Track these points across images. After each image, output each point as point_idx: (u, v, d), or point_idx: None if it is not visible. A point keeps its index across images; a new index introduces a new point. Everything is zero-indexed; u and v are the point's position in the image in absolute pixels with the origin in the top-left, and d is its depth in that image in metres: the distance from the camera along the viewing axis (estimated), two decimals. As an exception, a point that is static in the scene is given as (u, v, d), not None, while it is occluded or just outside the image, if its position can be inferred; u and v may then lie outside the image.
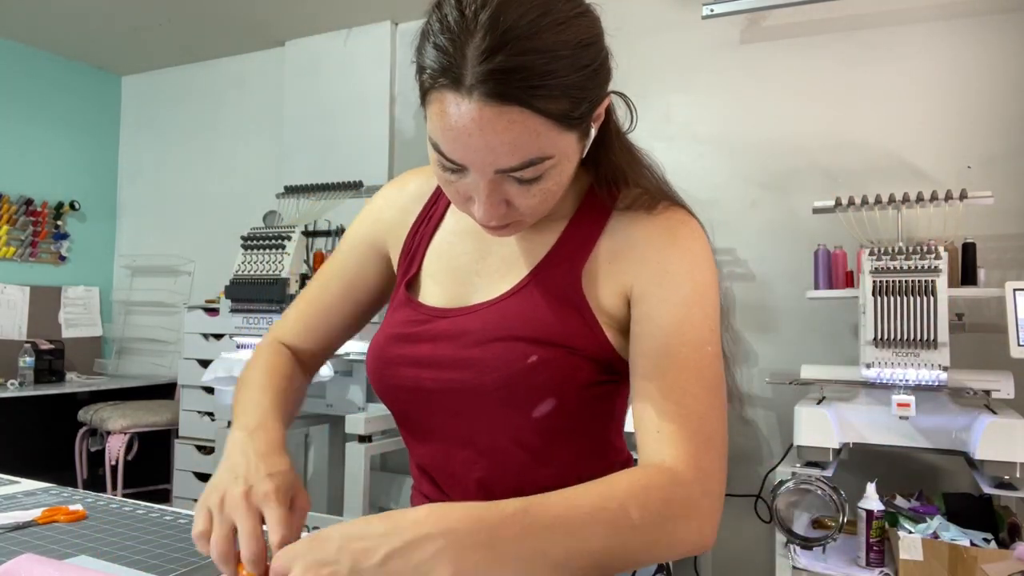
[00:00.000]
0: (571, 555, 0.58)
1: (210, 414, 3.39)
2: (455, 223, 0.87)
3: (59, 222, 4.11)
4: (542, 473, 0.79)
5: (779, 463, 2.22)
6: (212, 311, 3.44)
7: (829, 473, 1.99)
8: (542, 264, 0.79)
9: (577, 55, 0.63)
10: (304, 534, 0.66)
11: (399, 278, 0.90)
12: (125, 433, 3.41)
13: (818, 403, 2.11)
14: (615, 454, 0.85)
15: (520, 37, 0.60)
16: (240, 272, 2.98)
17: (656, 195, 0.80)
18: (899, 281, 2.03)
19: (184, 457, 3.42)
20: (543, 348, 0.74)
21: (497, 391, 0.76)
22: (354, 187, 3.08)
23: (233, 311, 2.99)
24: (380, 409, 2.96)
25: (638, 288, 0.75)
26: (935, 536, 1.84)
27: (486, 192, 0.66)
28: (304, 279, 3.02)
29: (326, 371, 2.84)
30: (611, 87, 0.77)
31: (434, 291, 0.85)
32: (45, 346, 3.74)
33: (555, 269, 0.78)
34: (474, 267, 0.84)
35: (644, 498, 0.62)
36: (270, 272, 2.92)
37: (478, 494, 0.80)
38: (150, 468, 3.69)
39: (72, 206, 4.15)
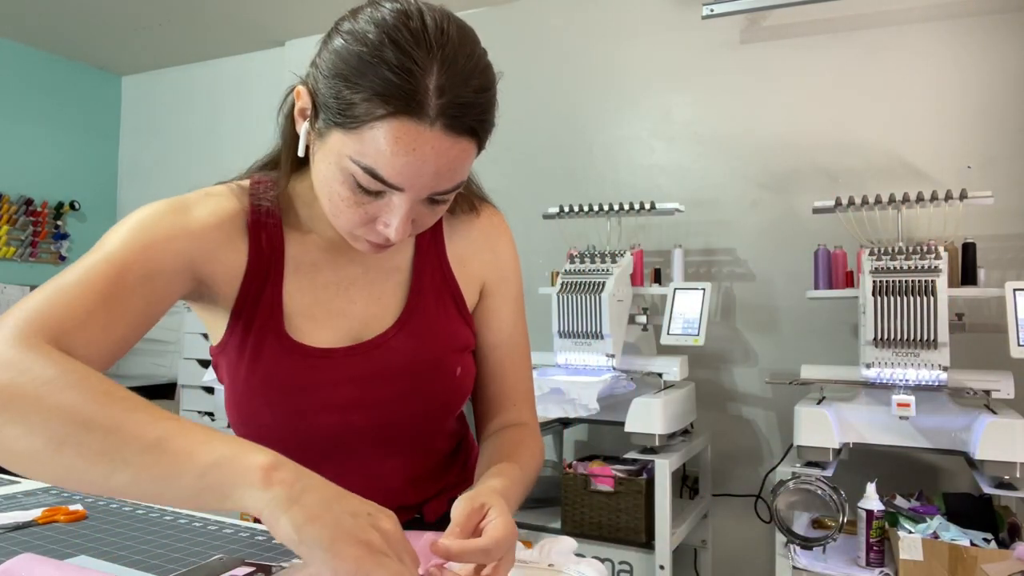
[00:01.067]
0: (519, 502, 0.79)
1: (210, 414, 3.39)
2: (300, 254, 0.82)
3: (59, 222, 4.11)
4: (445, 453, 0.96)
5: (779, 463, 2.22)
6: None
7: (829, 473, 1.99)
8: (417, 276, 0.86)
9: (495, 100, 0.71)
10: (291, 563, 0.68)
11: (243, 323, 0.79)
12: (125, 433, 3.41)
13: (818, 403, 2.11)
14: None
15: (471, 75, 0.66)
16: (240, 272, 2.98)
17: (470, 195, 0.91)
18: (899, 281, 2.03)
19: (184, 457, 3.42)
20: (460, 355, 0.87)
21: (439, 408, 0.87)
22: (354, 187, 3.07)
23: (233, 311, 2.99)
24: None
25: (488, 283, 0.92)
26: (935, 536, 1.84)
27: (405, 213, 0.69)
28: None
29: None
30: (611, 86, 0.81)
31: (317, 331, 0.81)
32: (45, 346, 3.74)
33: (431, 277, 0.87)
34: (344, 295, 0.83)
35: (537, 461, 0.89)
36: (270, 272, 2.92)
37: (406, 489, 0.90)
38: (150, 468, 3.68)
39: (72, 206, 4.15)
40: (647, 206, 2.53)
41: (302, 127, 0.73)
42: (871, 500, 1.88)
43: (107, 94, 4.42)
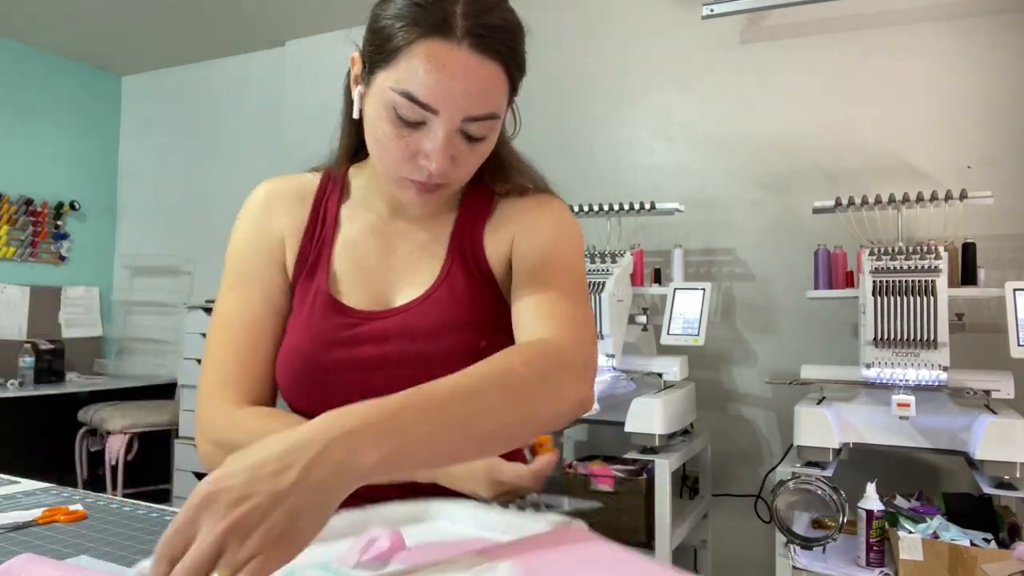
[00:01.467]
0: (474, 419, 0.61)
1: (210, 414, 3.39)
2: (352, 225, 0.91)
3: (59, 222, 4.11)
4: None
5: (779, 463, 2.22)
6: (212, 311, 3.43)
7: (829, 473, 1.99)
8: (452, 253, 0.88)
9: (523, 38, 0.76)
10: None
11: (301, 283, 0.89)
12: (125, 433, 3.41)
13: (818, 403, 2.11)
14: None
15: (495, 8, 0.73)
16: (240, 272, 2.98)
17: (531, 185, 0.92)
18: (899, 281, 2.03)
19: (184, 457, 3.42)
20: (487, 333, 0.85)
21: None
22: (354, 187, 3.08)
23: (233, 311, 2.99)
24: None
25: (516, 241, 0.88)
26: (935, 536, 1.84)
27: (444, 142, 0.73)
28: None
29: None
30: (611, 86, 0.82)
31: (354, 293, 0.87)
32: (45, 346, 3.74)
33: (464, 255, 0.88)
34: (384, 264, 0.89)
35: (527, 355, 0.69)
36: (270, 272, 2.92)
37: None
38: (150, 468, 3.69)
39: (72, 206, 4.15)
40: (647, 206, 2.53)
41: (356, 92, 0.81)
42: (871, 500, 1.88)
43: (107, 94, 4.42)
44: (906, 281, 2.02)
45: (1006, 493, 1.86)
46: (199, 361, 3.34)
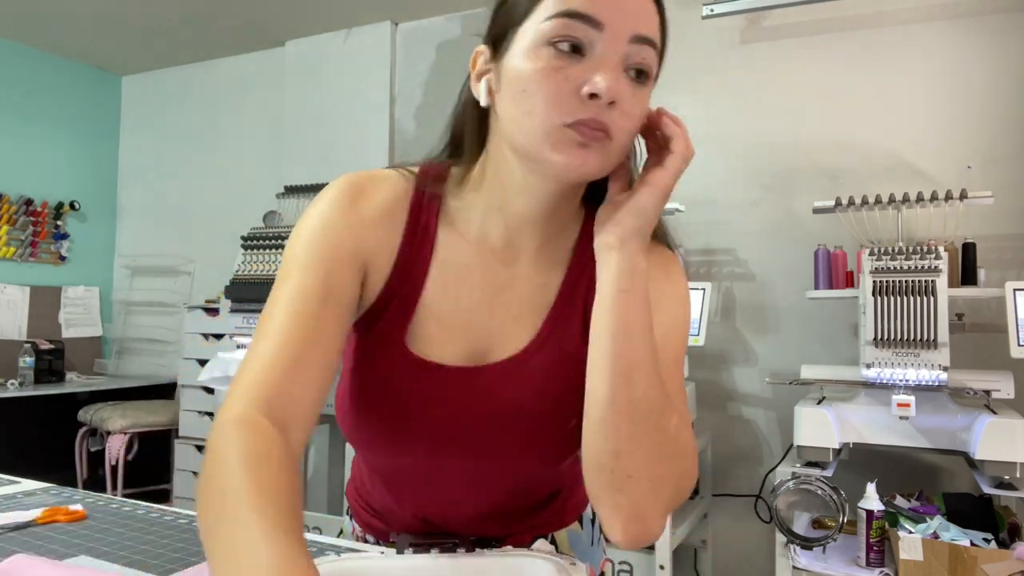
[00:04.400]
0: None
1: (210, 414, 3.39)
2: (451, 254, 0.76)
3: (59, 222, 4.11)
4: (540, 499, 0.86)
5: (779, 463, 2.22)
6: (212, 311, 3.44)
7: (829, 473, 1.99)
8: (559, 307, 0.77)
9: (665, 17, 0.70)
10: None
11: (383, 318, 0.76)
12: (125, 433, 3.41)
13: (818, 403, 2.11)
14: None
15: None
16: (240, 272, 2.98)
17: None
18: (899, 281, 2.03)
19: (184, 457, 3.42)
20: (578, 412, 0.72)
21: (538, 458, 0.78)
22: (354, 187, 3.08)
23: (233, 311, 2.99)
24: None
25: None
26: (935, 536, 1.84)
27: (615, 62, 0.64)
28: (304, 279, 3.01)
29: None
30: None
31: (444, 343, 0.76)
32: (45, 346, 3.74)
33: (573, 312, 0.77)
34: (483, 309, 0.76)
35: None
36: (270, 272, 2.92)
37: (489, 522, 0.83)
38: (150, 468, 3.69)
39: (72, 206, 4.15)
40: (647, 206, 2.53)
41: (482, 83, 0.71)
42: (871, 500, 1.88)
43: (107, 94, 4.42)
44: (906, 281, 2.02)
45: (1006, 493, 1.86)
46: (199, 361, 3.34)
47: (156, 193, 4.31)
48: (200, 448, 3.38)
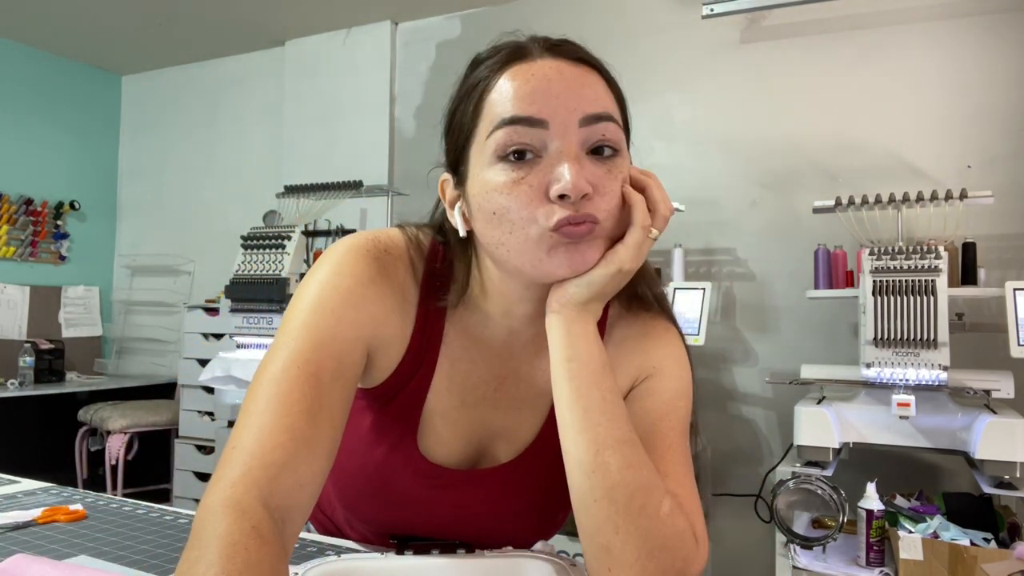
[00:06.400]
0: None
1: (210, 414, 3.39)
2: (458, 349, 0.74)
3: (59, 222, 4.11)
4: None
5: (779, 463, 2.22)
6: (212, 311, 3.44)
7: (829, 473, 1.99)
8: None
9: (613, 76, 0.69)
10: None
11: (390, 405, 0.74)
12: (125, 433, 3.41)
13: (818, 403, 2.11)
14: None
15: (571, 42, 0.67)
16: (240, 272, 2.98)
17: (649, 295, 0.79)
18: (899, 281, 2.03)
19: (184, 457, 3.42)
20: (565, 513, 0.77)
21: (528, 540, 0.81)
22: (354, 187, 3.08)
23: (233, 311, 2.99)
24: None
25: (637, 388, 0.75)
26: (935, 536, 1.84)
27: (574, 153, 0.61)
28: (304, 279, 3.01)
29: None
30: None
31: (452, 441, 0.76)
32: (45, 346, 3.74)
33: None
34: (491, 404, 0.76)
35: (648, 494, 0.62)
36: (270, 272, 2.92)
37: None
38: (150, 468, 3.69)
39: (72, 206, 4.15)
40: (647, 206, 2.53)
41: (455, 212, 0.69)
42: (871, 500, 1.88)
43: (107, 94, 4.42)
44: (906, 281, 2.02)
45: (1006, 493, 1.86)
46: (199, 361, 3.34)
47: (156, 193, 4.32)
48: (200, 448, 3.38)
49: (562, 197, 0.60)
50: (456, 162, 0.68)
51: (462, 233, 0.68)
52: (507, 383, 0.76)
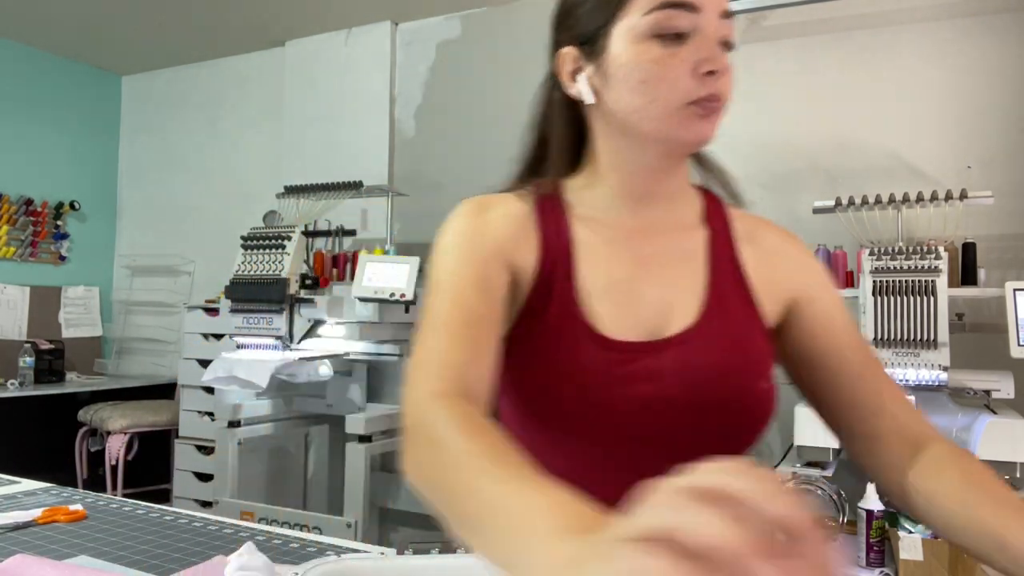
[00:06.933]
0: None
1: (210, 414, 3.39)
2: (590, 241, 0.78)
3: (59, 222, 4.11)
4: None
5: (779, 463, 2.22)
6: (212, 311, 3.44)
7: (829, 473, 1.99)
8: (715, 272, 0.78)
9: None
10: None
11: (544, 310, 0.75)
12: (125, 433, 3.41)
13: (818, 403, 2.10)
14: None
15: None
16: (240, 272, 2.98)
17: (737, 197, 0.89)
18: (899, 281, 2.03)
19: (184, 457, 3.42)
20: (766, 373, 0.76)
21: (739, 427, 0.75)
22: (354, 187, 3.08)
23: (233, 311, 2.99)
24: (380, 409, 2.96)
25: (804, 292, 0.81)
26: (935, 536, 1.84)
27: (715, 39, 0.70)
28: (304, 279, 3.01)
29: (325, 371, 2.84)
30: None
31: (615, 320, 0.74)
32: (45, 346, 3.74)
33: (727, 276, 0.79)
34: (642, 284, 0.76)
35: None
36: (270, 272, 2.92)
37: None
38: (150, 468, 3.69)
39: (72, 206, 4.15)
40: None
41: (578, 83, 0.75)
42: (871, 500, 1.88)
43: (107, 94, 4.42)
44: (906, 281, 2.02)
45: (1006, 493, 1.85)
46: (199, 361, 3.34)
47: (156, 193, 4.32)
48: (200, 448, 3.38)
49: (708, 74, 0.69)
50: (590, 37, 0.74)
51: (589, 100, 0.75)
52: (655, 267, 0.77)
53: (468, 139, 3.31)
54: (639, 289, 0.76)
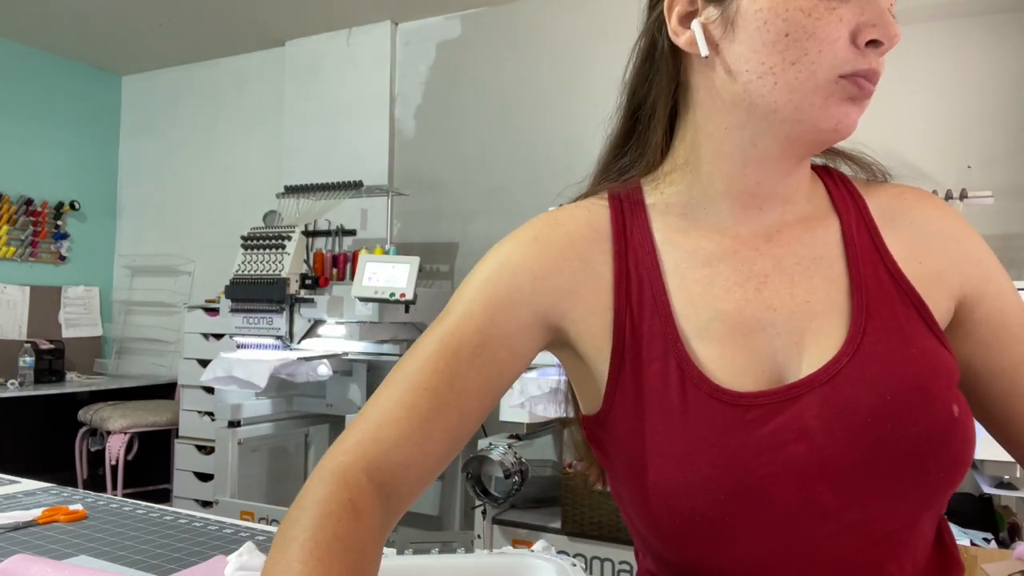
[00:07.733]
0: None
1: (210, 414, 3.39)
2: (680, 254, 0.60)
3: (59, 222, 4.11)
4: (931, 539, 0.62)
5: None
6: (212, 311, 3.44)
7: None
8: (857, 273, 0.59)
9: None
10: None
11: (630, 370, 0.57)
12: (125, 433, 3.41)
13: (818, 403, 2.10)
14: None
15: None
16: (240, 272, 2.98)
17: (872, 169, 0.70)
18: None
19: (184, 457, 3.42)
20: (952, 391, 0.55)
21: (936, 461, 0.54)
22: (354, 187, 3.08)
23: (233, 311, 3.00)
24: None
25: (973, 288, 0.61)
26: None
27: (886, 1, 0.57)
28: (304, 279, 3.01)
29: (324, 370, 2.84)
30: (612, 86, 0.74)
31: (731, 364, 0.56)
32: (45, 346, 3.74)
33: (872, 276, 0.59)
34: (758, 302, 0.58)
35: None
36: (270, 272, 2.92)
37: None
38: (150, 468, 3.69)
39: (72, 206, 4.15)
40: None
41: (694, 26, 0.57)
42: None
43: (107, 94, 4.42)
44: (906, 281, 2.02)
45: (1006, 493, 1.85)
46: (199, 361, 3.34)
47: (156, 193, 4.32)
48: (200, 448, 3.38)
49: (871, 43, 0.55)
50: None
51: (704, 52, 0.56)
52: (773, 280, 0.58)
53: (468, 139, 3.31)
54: (756, 317, 0.57)
